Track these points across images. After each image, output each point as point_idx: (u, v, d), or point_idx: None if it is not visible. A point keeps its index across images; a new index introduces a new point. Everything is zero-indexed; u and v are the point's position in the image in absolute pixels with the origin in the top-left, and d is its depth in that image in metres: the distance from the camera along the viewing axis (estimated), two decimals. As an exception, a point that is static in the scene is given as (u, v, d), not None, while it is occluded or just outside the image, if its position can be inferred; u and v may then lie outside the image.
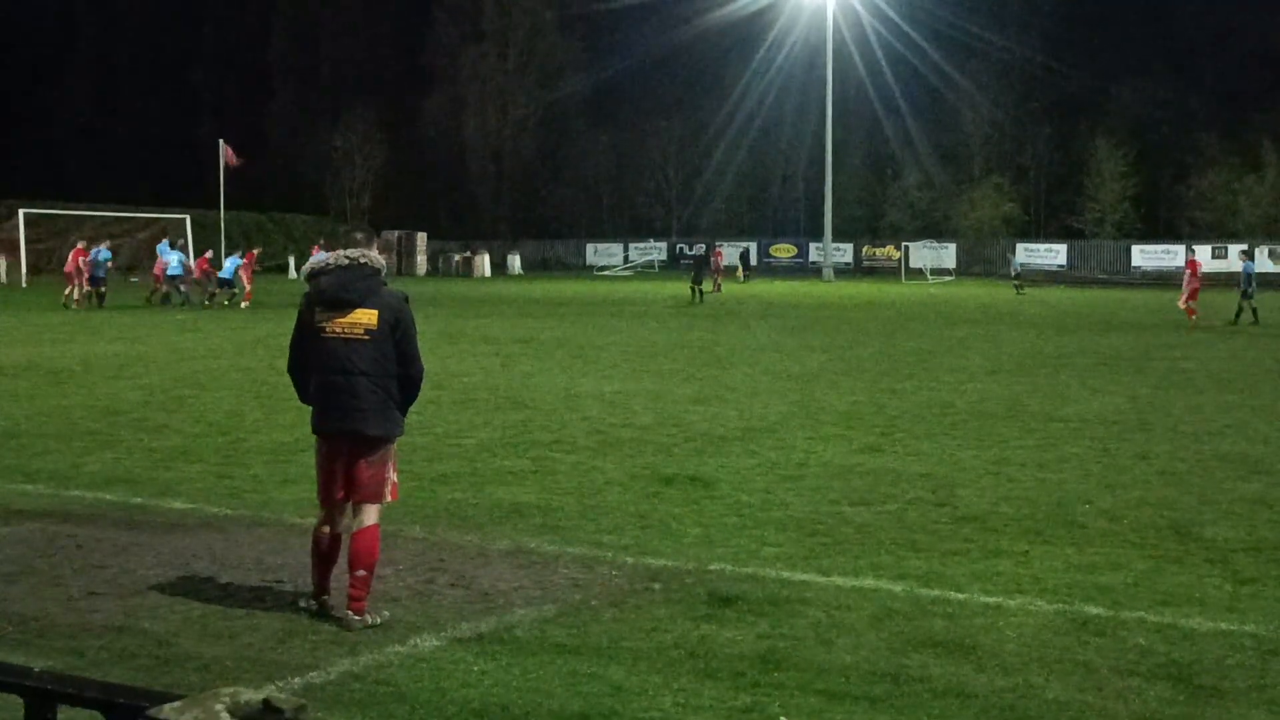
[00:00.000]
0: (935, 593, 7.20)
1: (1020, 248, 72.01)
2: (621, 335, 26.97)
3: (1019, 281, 51.60)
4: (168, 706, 1.70)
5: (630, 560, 7.87)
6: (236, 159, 51.67)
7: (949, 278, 68.52)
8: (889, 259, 75.08)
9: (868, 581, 7.43)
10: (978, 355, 22.59)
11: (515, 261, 77.12)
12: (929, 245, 73.19)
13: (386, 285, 6.86)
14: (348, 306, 6.68)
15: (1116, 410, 15.13)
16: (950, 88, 79.30)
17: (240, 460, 11.37)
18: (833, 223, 70.39)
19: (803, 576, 7.54)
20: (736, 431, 13.28)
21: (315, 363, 6.76)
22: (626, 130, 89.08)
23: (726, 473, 10.86)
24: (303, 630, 6.50)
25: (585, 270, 79.80)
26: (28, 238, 51.41)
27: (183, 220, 53.01)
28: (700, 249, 62.13)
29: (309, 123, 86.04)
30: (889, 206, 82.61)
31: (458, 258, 73.16)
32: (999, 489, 10.23)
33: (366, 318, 6.66)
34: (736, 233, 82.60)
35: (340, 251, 6.84)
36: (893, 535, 8.58)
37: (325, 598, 6.78)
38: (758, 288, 56.39)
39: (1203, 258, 63.48)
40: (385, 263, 7.00)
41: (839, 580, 7.46)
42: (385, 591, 7.05)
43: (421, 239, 73.79)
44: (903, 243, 73.99)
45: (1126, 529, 8.82)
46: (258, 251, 37.05)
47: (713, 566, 7.74)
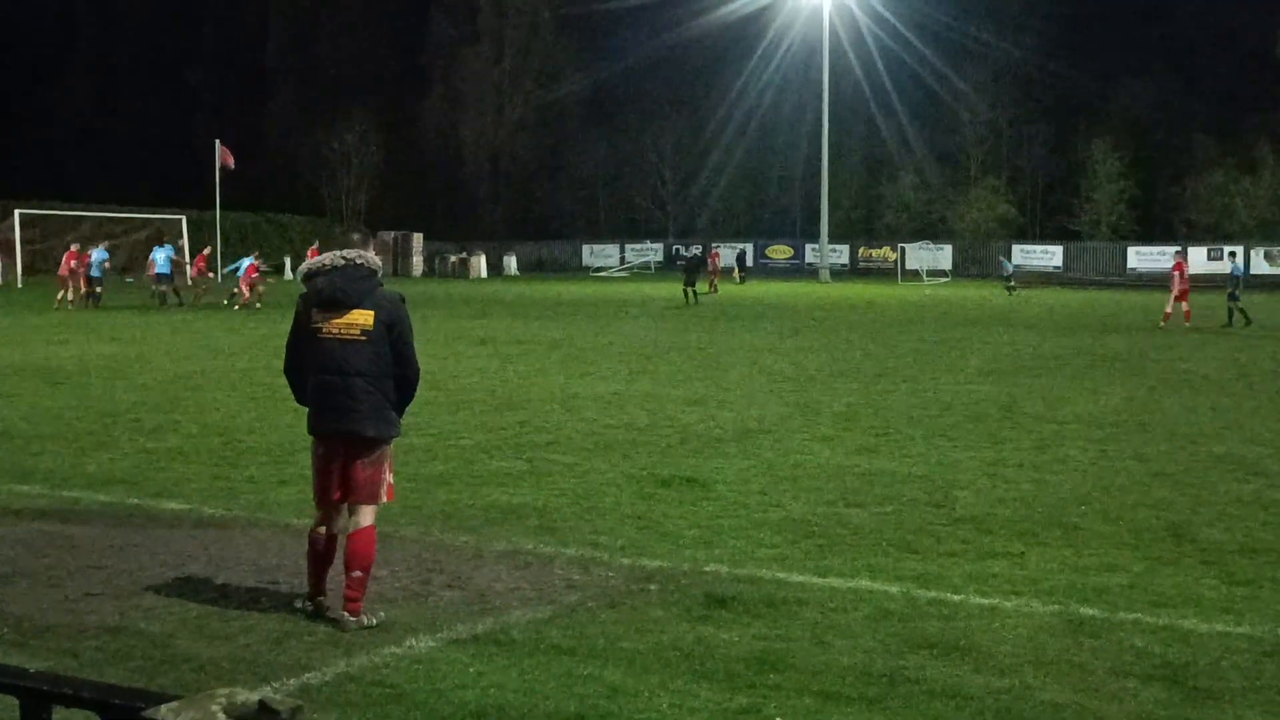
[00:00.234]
0: (931, 594, 7.20)
1: (1017, 249, 72.17)
2: (618, 336, 26.97)
3: (1012, 284, 51.74)
4: (164, 707, 1.70)
5: (626, 561, 7.88)
6: (234, 162, 51.71)
7: (945, 279, 68.57)
8: (885, 260, 75.13)
9: (864, 583, 7.43)
10: (974, 356, 22.61)
11: (511, 262, 77.08)
12: (925, 247, 73.27)
13: (383, 286, 6.87)
14: (344, 307, 6.68)
15: (1113, 412, 15.15)
16: (947, 89, 79.36)
17: (236, 461, 11.36)
18: (829, 224, 70.42)
19: (799, 578, 7.54)
20: (733, 433, 13.29)
21: (312, 363, 6.77)
22: (623, 131, 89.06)
23: (723, 474, 10.86)
24: (299, 631, 6.50)
25: (581, 271, 79.78)
26: (24, 238, 51.35)
27: (179, 221, 52.99)
28: (695, 250, 62.10)
29: (306, 123, 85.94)
30: (885, 208, 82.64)
31: (454, 258, 73.12)
32: (995, 490, 10.24)
33: (363, 318, 6.67)
34: (733, 234, 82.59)
35: (337, 252, 6.85)
36: (889, 537, 8.59)
37: (321, 599, 6.78)
38: (754, 289, 56.39)
39: (1199, 259, 64.15)
40: (381, 263, 7.01)
41: (835, 581, 7.46)
42: (381, 593, 7.05)
43: (418, 240, 73.76)
44: (899, 244, 74.06)
45: (1122, 530, 8.83)
46: (259, 263, 37.33)
47: (709, 568, 7.75)
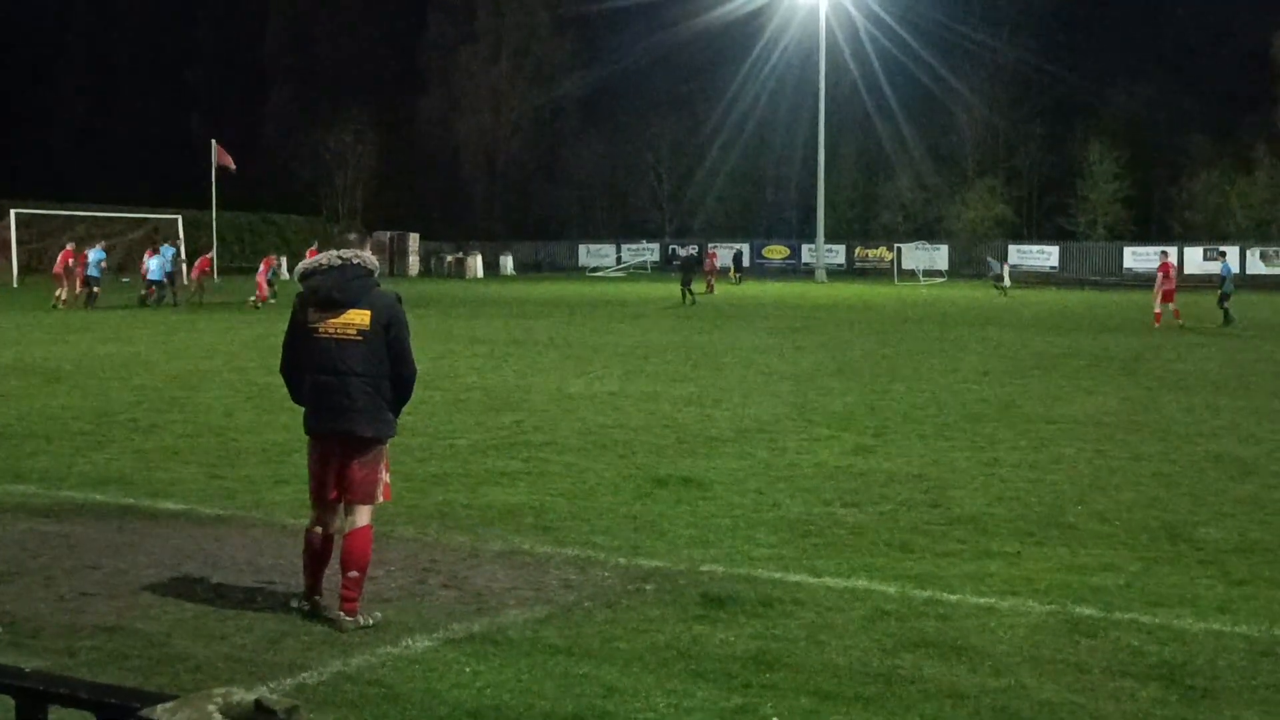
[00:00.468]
0: (928, 594, 7.20)
1: (1013, 249, 72.26)
2: (614, 336, 26.97)
3: (1002, 284, 51.99)
4: (160, 707, 1.70)
5: (623, 561, 7.87)
6: (233, 164, 51.71)
7: (941, 279, 68.60)
8: (882, 260, 75.15)
9: (860, 583, 7.43)
10: (970, 356, 22.61)
11: (508, 262, 77.04)
12: (922, 247, 73.29)
13: (379, 286, 6.87)
14: (340, 307, 6.68)
15: (1109, 411, 15.16)
16: (943, 89, 79.37)
17: (233, 461, 11.35)
18: (825, 224, 70.43)
19: (795, 578, 7.54)
20: (729, 433, 13.29)
21: (308, 363, 6.76)
22: (620, 131, 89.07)
23: (719, 474, 10.86)
24: (295, 631, 6.49)
25: (578, 271, 79.77)
26: (20, 238, 51.30)
27: (175, 220, 52.94)
28: (691, 250, 62.09)
29: (303, 123, 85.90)
30: (882, 208, 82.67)
31: (450, 258, 73.09)
32: (992, 490, 10.24)
33: (359, 318, 6.66)
34: (729, 234, 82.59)
35: (333, 252, 6.84)
36: (885, 536, 8.59)
37: (318, 598, 6.78)
38: (750, 289, 56.40)
39: (1195, 259, 64.19)
40: (378, 263, 7.01)
41: (831, 581, 7.46)
42: (377, 592, 7.05)
43: (414, 239, 73.74)
44: (895, 244, 74.05)
45: (1119, 530, 8.83)
46: (274, 259, 37.77)
47: (705, 568, 7.74)
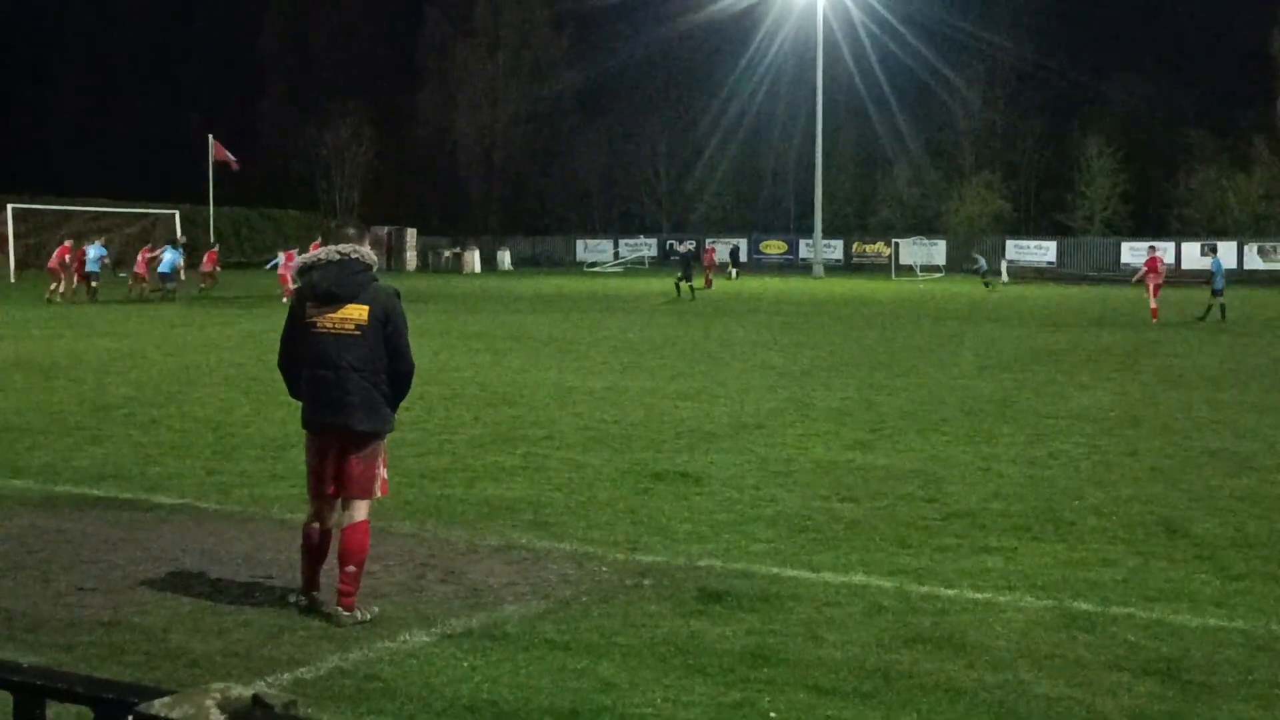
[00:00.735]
0: (925, 589, 7.21)
1: (1011, 244, 72.30)
2: (612, 331, 26.97)
3: (988, 276, 52.36)
4: (158, 702, 1.70)
5: (620, 556, 7.87)
6: (236, 163, 51.70)
7: (939, 274, 68.61)
8: (879, 255, 75.14)
9: (857, 578, 7.44)
10: (968, 352, 22.62)
11: (505, 257, 77.00)
12: (919, 242, 73.29)
13: (377, 281, 6.86)
14: (339, 302, 6.67)
15: (1106, 407, 15.17)
16: (941, 84, 79.37)
17: (230, 456, 11.35)
18: (823, 219, 70.43)
19: (792, 573, 7.54)
20: (726, 428, 13.29)
21: (306, 357, 6.76)
22: (617, 127, 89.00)
23: (716, 469, 10.87)
24: (292, 626, 6.49)
25: (575, 266, 79.75)
26: (17, 233, 51.25)
27: (172, 216, 52.90)
28: (689, 246, 62.05)
29: (301, 118, 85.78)
30: (879, 203, 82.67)
31: (448, 253, 73.05)
32: (989, 485, 10.25)
33: (357, 313, 6.66)
34: (727, 229, 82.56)
35: (332, 247, 6.84)
36: (882, 532, 8.59)
37: (315, 593, 6.78)
38: (748, 284, 56.38)
39: (1192, 255, 64.19)
40: (376, 258, 7.01)
41: (829, 576, 7.46)
42: (375, 587, 7.04)
43: (411, 234, 73.69)
44: (893, 239, 74.06)
45: (1116, 525, 8.84)
46: (296, 252, 38.06)
47: (703, 562, 7.74)
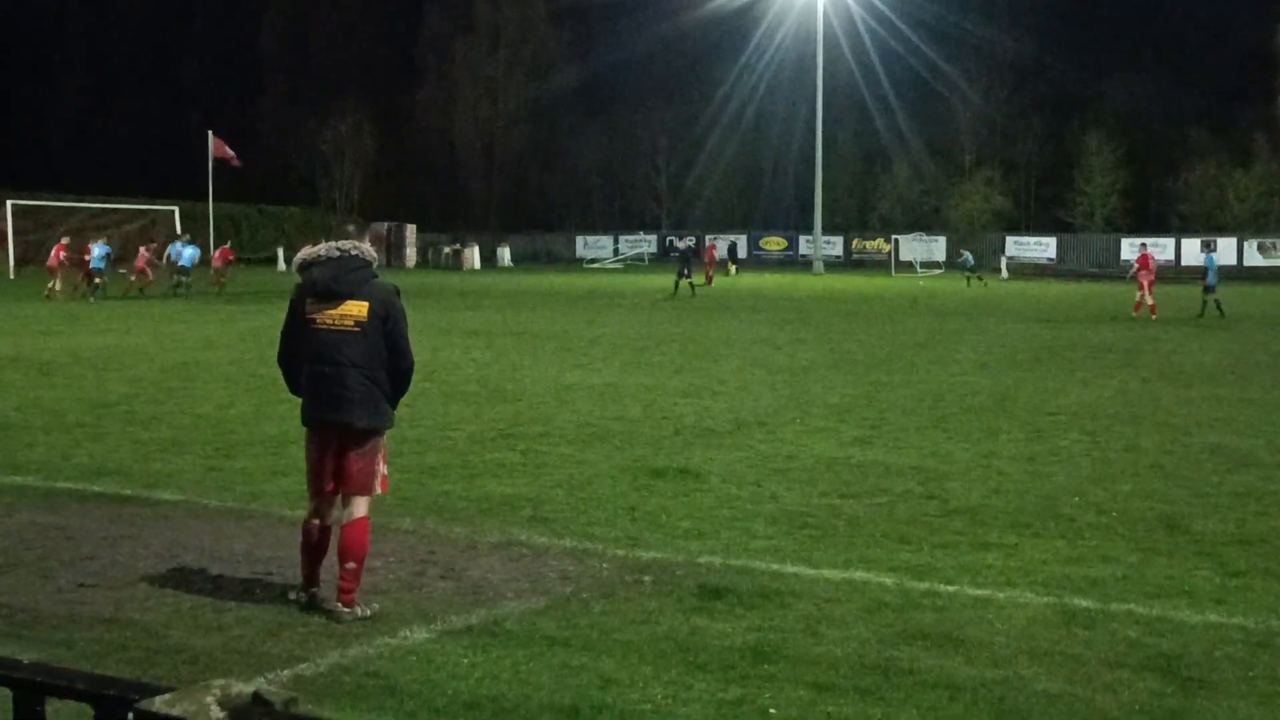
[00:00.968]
0: (925, 585, 7.21)
1: (1011, 240, 72.37)
2: (611, 328, 26.96)
3: (976, 274, 52.70)
4: (158, 699, 1.70)
5: (620, 553, 7.87)
6: (237, 159, 51.75)
7: (939, 271, 68.60)
8: (879, 252, 75.18)
9: (857, 574, 7.44)
10: (968, 348, 22.62)
11: (505, 254, 76.99)
12: (919, 238, 73.32)
13: (377, 277, 6.86)
14: (338, 298, 6.67)
15: (1106, 403, 15.16)
16: (941, 81, 79.41)
17: (230, 452, 11.35)
18: (823, 216, 70.42)
19: (792, 569, 7.54)
20: (727, 424, 13.29)
21: (305, 354, 6.76)
22: (617, 123, 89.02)
23: (717, 465, 10.86)
24: (293, 622, 6.49)
25: (575, 263, 79.74)
26: (16, 230, 51.26)
27: (172, 212, 52.89)
28: (689, 242, 62.07)
29: (300, 115, 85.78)
30: (879, 199, 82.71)
31: (447, 250, 73.02)
32: (989, 482, 10.25)
33: (357, 309, 6.65)
34: (727, 225, 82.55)
35: (332, 243, 6.84)
36: (882, 528, 8.59)
37: (315, 590, 6.78)
38: (748, 280, 56.37)
39: (1192, 251, 64.17)
40: (376, 255, 7.00)
41: (829, 573, 7.46)
42: (375, 584, 7.04)
43: (411, 231, 73.67)
44: (893, 236, 74.09)
45: (1116, 522, 8.84)
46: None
47: (703, 559, 7.74)
